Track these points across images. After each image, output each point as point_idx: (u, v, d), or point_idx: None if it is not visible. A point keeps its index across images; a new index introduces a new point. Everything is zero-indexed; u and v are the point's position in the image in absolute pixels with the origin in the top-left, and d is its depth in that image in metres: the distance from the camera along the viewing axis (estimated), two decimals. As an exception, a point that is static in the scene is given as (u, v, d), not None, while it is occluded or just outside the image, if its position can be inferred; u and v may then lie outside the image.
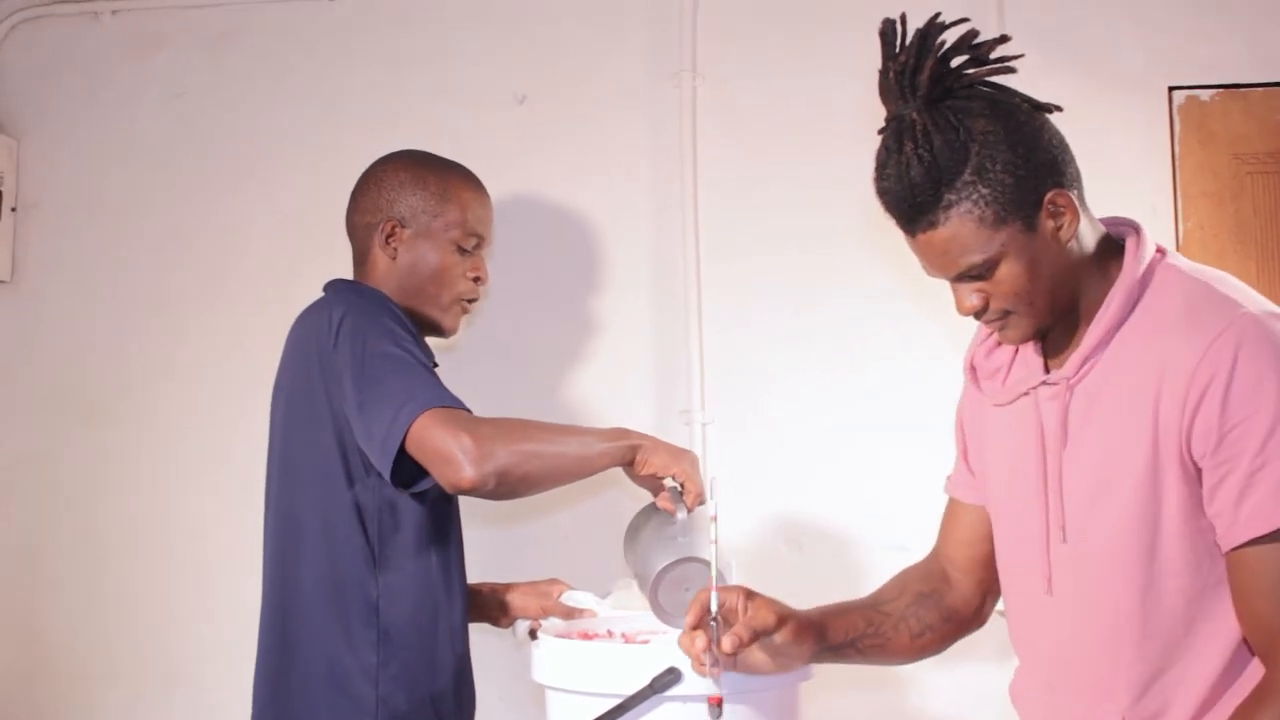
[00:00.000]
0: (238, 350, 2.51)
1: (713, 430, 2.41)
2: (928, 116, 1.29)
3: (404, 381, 1.58)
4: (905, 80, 1.30)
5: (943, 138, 1.27)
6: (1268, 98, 2.35)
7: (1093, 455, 1.34)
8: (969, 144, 1.27)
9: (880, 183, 1.33)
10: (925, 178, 1.28)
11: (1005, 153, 1.28)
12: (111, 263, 2.63)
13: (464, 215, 1.82)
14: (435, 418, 1.55)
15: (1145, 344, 1.31)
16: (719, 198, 2.46)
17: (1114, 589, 1.33)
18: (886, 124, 1.33)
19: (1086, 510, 1.35)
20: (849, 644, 1.47)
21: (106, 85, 2.67)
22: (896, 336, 2.38)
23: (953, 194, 1.28)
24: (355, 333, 1.63)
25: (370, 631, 1.64)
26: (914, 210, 1.30)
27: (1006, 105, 1.31)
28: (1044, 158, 1.30)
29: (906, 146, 1.29)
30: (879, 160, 1.33)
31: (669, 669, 1.36)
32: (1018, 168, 1.28)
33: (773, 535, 2.39)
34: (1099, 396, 1.34)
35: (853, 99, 2.44)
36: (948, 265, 1.33)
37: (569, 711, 1.45)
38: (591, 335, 2.48)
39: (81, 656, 2.55)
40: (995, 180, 1.27)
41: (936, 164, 1.27)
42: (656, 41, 2.51)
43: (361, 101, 2.55)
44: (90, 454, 2.59)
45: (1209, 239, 2.33)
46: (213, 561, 2.50)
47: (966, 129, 1.28)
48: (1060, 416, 1.36)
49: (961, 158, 1.27)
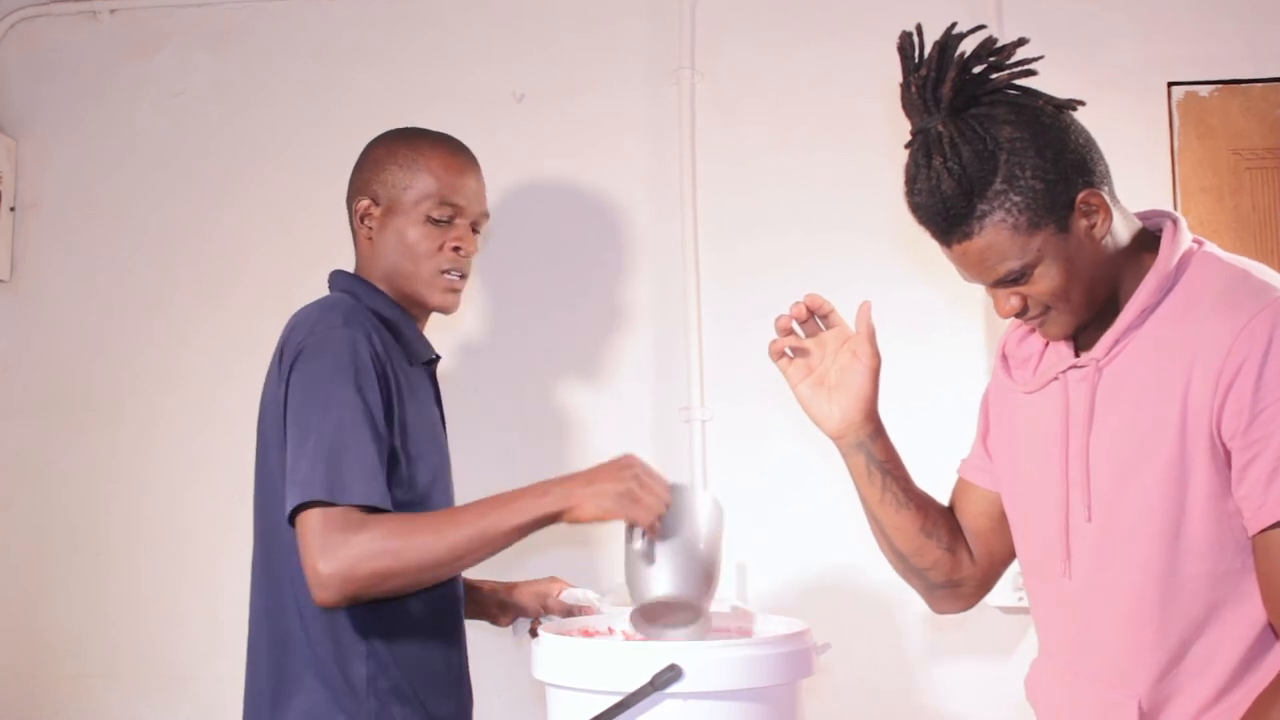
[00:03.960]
0: (238, 349, 2.51)
1: (712, 427, 2.41)
2: (953, 128, 1.30)
3: (323, 452, 1.51)
4: (927, 93, 1.32)
5: (970, 148, 1.28)
6: (1266, 93, 2.35)
7: (1120, 435, 1.34)
8: (997, 152, 1.28)
9: (912, 198, 1.34)
10: (956, 190, 1.29)
11: (1033, 158, 1.29)
12: (110, 262, 2.63)
13: (435, 185, 1.73)
14: (321, 521, 1.49)
15: (1178, 326, 1.32)
16: (717, 195, 2.46)
17: (1135, 572, 1.32)
18: (913, 138, 1.34)
19: (1112, 490, 1.34)
20: (889, 460, 1.55)
21: (105, 85, 2.67)
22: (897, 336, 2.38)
23: (985, 204, 1.29)
24: (304, 371, 1.58)
25: (360, 645, 1.60)
26: (948, 223, 1.31)
27: (1031, 109, 1.32)
28: (1072, 158, 1.31)
29: (935, 160, 1.29)
30: (908, 175, 1.34)
31: (669, 666, 1.36)
32: (1047, 172, 1.29)
33: (772, 532, 2.38)
34: (1128, 378, 1.34)
35: (852, 97, 2.45)
36: (985, 273, 1.35)
37: (569, 709, 1.45)
38: (590, 333, 2.48)
39: (82, 656, 2.55)
40: (1026, 187, 1.28)
41: (966, 175, 1.28)
42: (655, 40, 2.51)
43: (361, 100, 2.55)
44: (89, 453, 2.59)
45: (1207, 234, 2.30)
46: (213, 561, 2.50)
47: (993, 137, 1.29)
48: (1088, 397, 1.37)
49: (991, 167, 1.28)
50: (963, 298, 2.37)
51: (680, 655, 1.37)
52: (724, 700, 1.40)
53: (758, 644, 1.47)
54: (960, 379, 2.29)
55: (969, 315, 2.36)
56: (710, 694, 1.39)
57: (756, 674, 1.41)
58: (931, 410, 2.27)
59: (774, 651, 1.44)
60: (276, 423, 1.62)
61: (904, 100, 1.36)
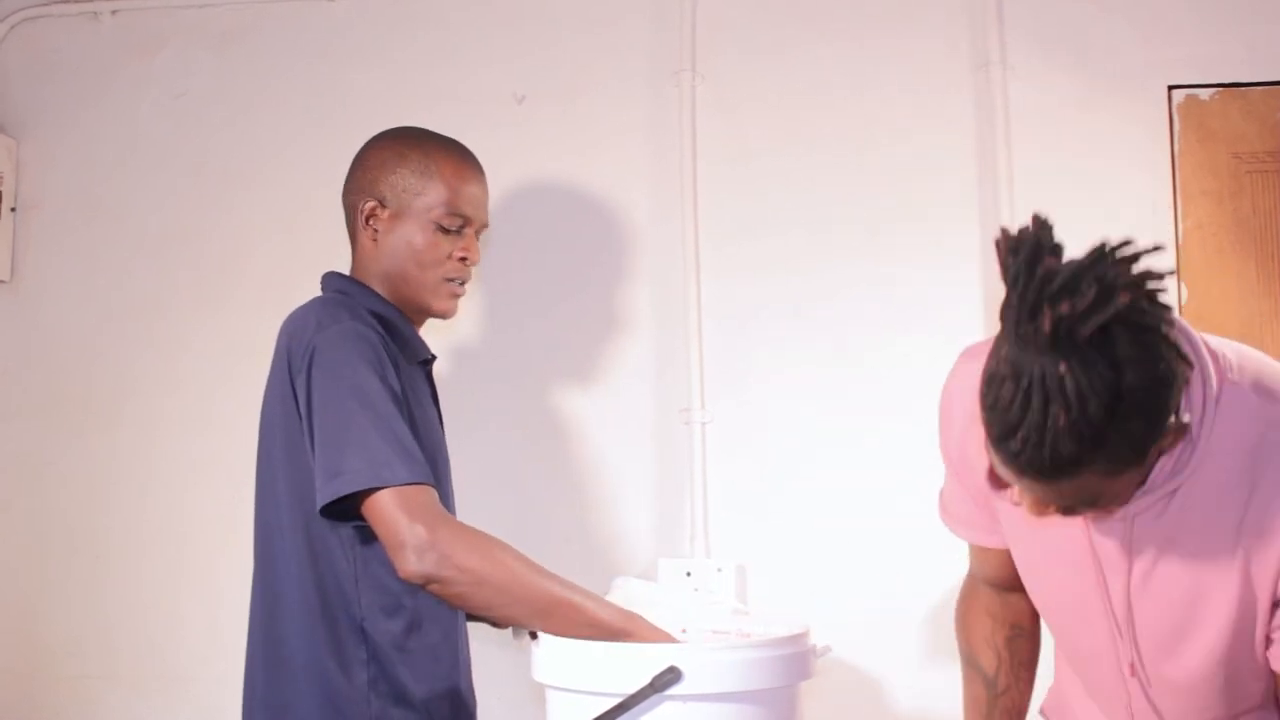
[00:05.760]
0: (238, 351, 2.50)
1: (712, 429, 2.41)
2: (1081, 374, 1.07)
3: (372, 438, 1.51)
4: (1061, 331, 1.07)
5: (1098, 401, 1.08)
6: (1267, 97, 2.35)
7: (1172, 595, 1.29)
8: (1119, 405, 1.09)
9: (1006, 440, 1.12)
10: (1076, 448, 1.09)
11: (1149, 412, 1.11)
12: (111, 263, 2.63)
13: (447, 194, 1.72)
14: (408, 497, 1.49)
15: (1218, 474, 1.23)
16: (718, 196, 2.46)
17: (1196, 692, 1.36)
18: (1016, 366, 1.10)
19: (1165, 650, 1.34)
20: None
21: (106, 85, 2.67)
22: (896, 337, 2.38)
23: (1093, 454, 1.11)
24: (325, 365, 1.56)
25: (360, 650, 1.60)
26: (1050, 473, 1.12)
27: (1155, 350, 1.10)
28: (1173, 404, 1.14)
29: (1054, 409, 1.08)
30: (1004, 405, 1.11)
31: (669, 668, 1.36)
32: (1154, 426, 1.13)
33: (773, 536, 2.38)
34: (1170, 526, 1.27)
35: (853, 98, 2.45)
36: (1058, 503, 1.19)
37: (569, 711, 1.45)
38: (591, 334, 2.48)
39: (81, 658, 2.55)
40: (1133, 439, 1.12)
41: (1090, 433, 1.09)
42: (656, 41, 2.51)
43: (363, 101, 2.55)
44: (89, 454, 2.59)
45: (1208, 238, 2.33)
46: (213, 562, 2.50)
47: (1120, 388, 1.08)
48: (1123, 544, 1.31)
49: (1110, 420, 1.09)
50: (963, 299, 2.38)
51: (680, 657, 1.37)
52: (723, 703, 1.40)
53: (757, 646, 1.46)
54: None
55: (969, 316, 2.36)
56: (710, 696, 1.39)
57: (756, 676, 1.41)
58: (930, 411, 2.26)
59: (774, 654, 1.44)
60: (287, 426, 1.61)
61: (1012, 317, 1.09)
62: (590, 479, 2.45)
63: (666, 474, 2.43)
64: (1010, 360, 1.10)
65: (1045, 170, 2.35)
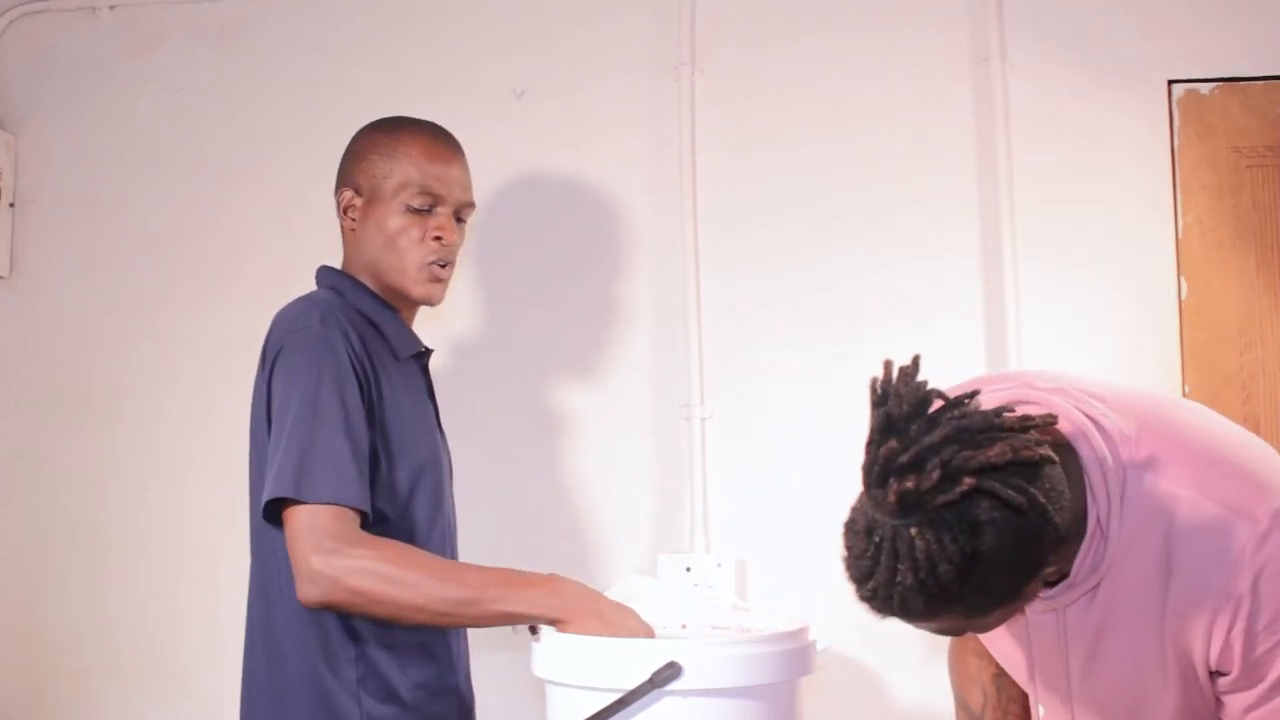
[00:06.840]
0: (237, 346, 2.49)
1: (712, 424, 2.41)
2: (931, 537, 1.07)
3: (308, 450, 1.51)
4: (909, 501, 1.07)
5: (949, 565, 1.07)
6: (1267, 91, 2.34)
7: (1117, 681, 1.31)
8: (975, 566, 1.08)
9: (860, 585, 1.14)
10: (925, 605, 1.10)
11: (1013, 568, 1.10)
12: (110, 259, 2.63)
13: (414, 173, 1.70)
14: (313, 519, 1.49)
15: (1137, 561, 1.22)
16: (718, 190, 2.45)
17: None
18: (870, 521, 1.10)
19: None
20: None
21: (105, 81, 2.67)
22: (894, 331, 2.38)
23: (948, 607, 1.12)
24: (285, 368, 1.57)
25: (348, 648, 1.60)
26: (905, 618, 1.15)
27: (1018, 512, 1.09)
28: (1046, 554, 1.13)
29: (902, 568, 1.08)
30: (857, 554, 1.13)
31: (669, 664, 1.36)
32: (1022, 577, 1.12)
33: (772, 531, 2.38)
34: (1100, 614, 1.28)
35: (851, 91, 2.45)
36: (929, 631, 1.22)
37: (569, 706, 1.45)
38: (589, 329, 2.48)
39: (81, 653, 2.55)
40: (994, 591, 1.12)
41: (939, 592, 1.08)
42: (655, 35, 2.51)
43: (361, 96, 2.54)
44: (88, 450, 2.59)
45: (1208, 232, 2.33)
46: (212, 557, 2.50)
47: (974, 549, 1.07)
48: (1058, 635, 1.33)
49: (963, 581, 1.08)
50: (961, 293, 2.37)
51: (680, 653, 1.37)
52: (723, 698, 1.40)
53: (757, 642, 1.46)
54: (957, 374, 2.27)
55: (968, 311, 2.36)
56: (709, 692, 1.39)
57: (756, 672, 1.41)
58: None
59: (774, 649, 1.44)
60: (261, 422, 1.62)
61: (869, 473, 1.10)
62: (589, 474, 2.45)
63: (666, 469, 2.43)
64: (865, 513, 1.12)
65: (1044, 165, 2.35)
